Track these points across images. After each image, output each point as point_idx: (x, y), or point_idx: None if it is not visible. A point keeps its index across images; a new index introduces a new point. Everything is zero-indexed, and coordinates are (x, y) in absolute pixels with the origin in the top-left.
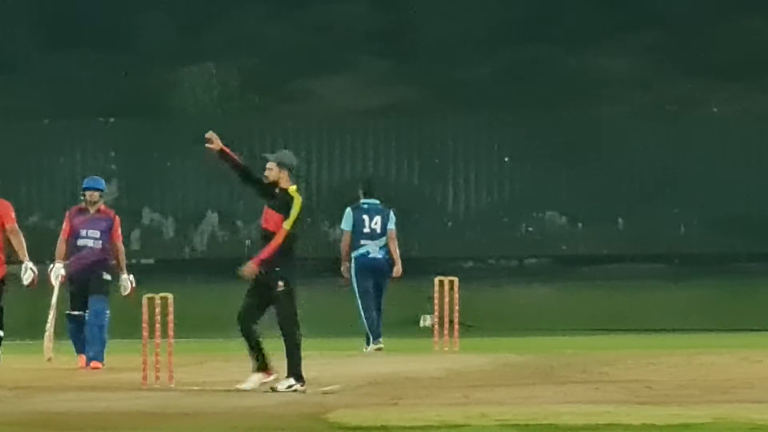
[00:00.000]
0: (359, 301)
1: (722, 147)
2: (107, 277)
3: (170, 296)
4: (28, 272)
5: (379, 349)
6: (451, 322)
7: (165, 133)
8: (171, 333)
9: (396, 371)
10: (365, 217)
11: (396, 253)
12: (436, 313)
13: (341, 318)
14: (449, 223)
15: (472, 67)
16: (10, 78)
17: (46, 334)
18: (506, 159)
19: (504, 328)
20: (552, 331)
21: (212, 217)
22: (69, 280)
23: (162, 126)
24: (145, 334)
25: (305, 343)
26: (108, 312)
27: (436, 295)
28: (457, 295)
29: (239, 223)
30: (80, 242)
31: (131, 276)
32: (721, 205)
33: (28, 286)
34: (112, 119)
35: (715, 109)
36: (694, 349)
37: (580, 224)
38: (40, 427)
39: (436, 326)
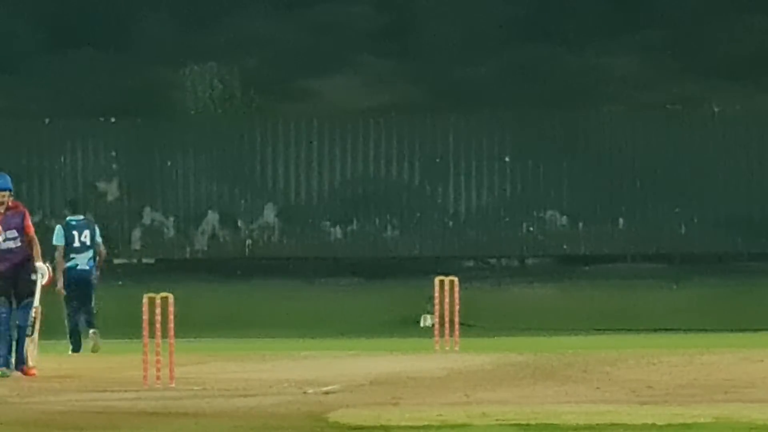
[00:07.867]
0: (65, 309)
1: (723, 147)
2: (34, 277)
3: (171, 296)
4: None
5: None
6: (451, 321)
7: (166, 133)
8: (172, 333)
9: (397, 371)
10: (75, 232)
11: (100, 263)
12: (437, 313)
13: (341, 318)
14: (450, 223)
15: (473, 67)
16: (10, 78)
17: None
18: (507, 158)
19: (505, 328)
20: (553, 330)
21: (213, 217)
22: None
23: (163, 126)
24: (146, 333)
25: (306, 344)
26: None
27: (436, 294)
28: (457, 295)
29: (240, 222)
30: (2, 245)
31: (47, 263)
32: (722, 204)
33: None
34: (113, 119)
35: (716, 109)
36: (695, 348)
37: (581, 224)
38: (40, 426)
39: (437, 326)
